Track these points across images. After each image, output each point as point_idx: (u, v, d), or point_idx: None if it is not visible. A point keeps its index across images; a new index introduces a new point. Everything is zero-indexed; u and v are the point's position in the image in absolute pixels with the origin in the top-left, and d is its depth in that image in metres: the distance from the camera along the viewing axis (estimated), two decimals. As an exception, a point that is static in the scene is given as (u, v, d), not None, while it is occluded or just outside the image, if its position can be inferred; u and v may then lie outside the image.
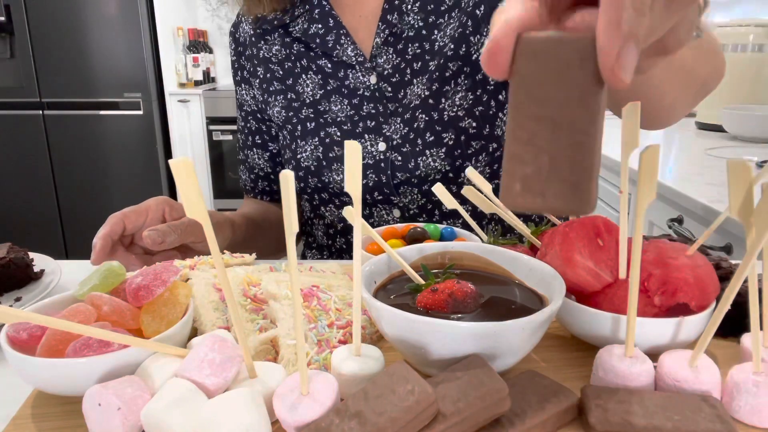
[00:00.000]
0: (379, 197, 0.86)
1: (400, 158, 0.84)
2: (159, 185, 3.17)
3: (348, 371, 0.42)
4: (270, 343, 0.49)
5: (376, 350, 0.45)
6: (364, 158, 0.85)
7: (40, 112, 3.02)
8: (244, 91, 0.98)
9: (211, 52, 3.57)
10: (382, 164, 0.85)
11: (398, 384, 0.37)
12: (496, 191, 0.83)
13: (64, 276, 0.69)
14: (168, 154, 3.18)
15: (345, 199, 0.89)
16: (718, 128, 1.86)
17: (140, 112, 3.03)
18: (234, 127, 3.10)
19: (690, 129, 1.99)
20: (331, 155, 0.87)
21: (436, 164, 0.83)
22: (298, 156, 0.90)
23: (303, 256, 1.04)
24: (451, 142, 0.82)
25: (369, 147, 0.85)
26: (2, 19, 2.84)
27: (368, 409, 0.36)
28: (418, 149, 0.83)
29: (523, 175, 0.30)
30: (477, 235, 0.65)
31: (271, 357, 0.49)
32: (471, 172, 0.61)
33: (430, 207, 0.87)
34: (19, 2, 2.84)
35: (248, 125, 0.99)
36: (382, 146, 0.85)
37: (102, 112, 3.03)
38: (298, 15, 0.88)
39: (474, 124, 0.82)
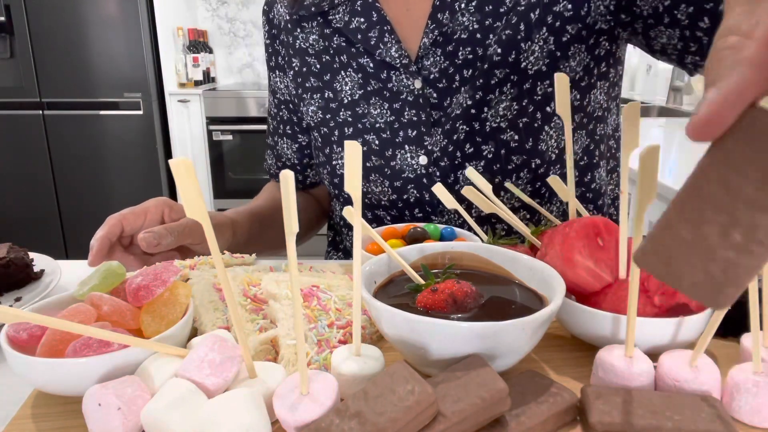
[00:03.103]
0: (420, 215, 0.82)
1: (438, 173, 0.79)
2: (159, 185, 3.16)
3: (348, 371, 0.42)
4: (270, 343, 0.49)
5: (376, 350, 0.45)
6: (404, 171, 0.80)
7: (40, 112, 3.02)
8: (278, 78, 0.92)
9: (211, 52, 3.57)
10: (424, 179, 0.79)
11: (398, 384, 0.37)
12: (497, 191, 0.82)
13: (64, 276, 0.69)
14: (168, 154, 3.18)
15: (379, 213, 0.85)
16: (718, 128, 1.86)
17: (140, 112, 3.03)
18: (234, 127, 3.10)
19: (690, 129, 1.99)
20: (368, 164, 0.82)
21: (467, 181, 0.75)
22: (334, 162, 0.85)
23: (328, 255, 1.02)
24: (490, 156, 0.77)
25: (409, 159, 0.79)
26: (2, 19, 2.84)
27: (368, 409, 0.36)
28: (457, 162, 0.78)
29: (670, 249, 0.27)
30: (477, 235, 0.65)
31: (271, 357, 0.49)
32: (471, 172, 0.61)
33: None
34: (19, 2, 2.83)
35: (280, 113, 0.95)
36: (423, 160, 0.79)
37: (102, 112, 3.03)
38: (338, 3, 0.81)
39: (516, 137, 0.76)
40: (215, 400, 0.38)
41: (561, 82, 0.51)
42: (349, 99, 0.82)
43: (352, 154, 0.41)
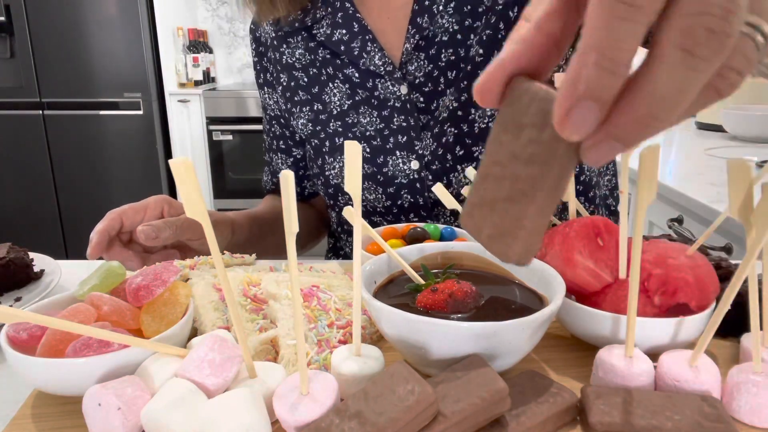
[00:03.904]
0: (415, 219, 0.83)
1: (431, 177, 0.79)
2: (159, 185, 3.16)
3: (348, 371, 0.42)
4: (270, 343, 0.49)
5: (376, 350, 0.45)
6: (396, 177, 0.81)
7: (40, 112, 3.02)
8: (267, 95, 0.94)
9: (211, 52, 3.57)
10: (417, 184, 0.80)
11: (398, 384, 0.37)
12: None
13: (64, 276, 0.69)
14: (168, 154, 3.18)
15: (376, 219, 0.86)
16: (718, 128, 1.86)
17: (140, 112, 3.03)
18: (234, 127, 3.10)
19: (690, 129, 2.00)
20: (361, 173, 0.83)
21: (467, 181, 0.78)
22: (327, 173, 0.86)
23: (327, 259, 1.02)
24: (481, 156, 0.77)
25: (401, 165, 0.80)
26: (2, 19, 2.84)
27: (368, 409, 0.36)
28: (448, 165, 0.78)
29: (473, 205, 0.30)
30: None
31: (271, 357, 0.49)
32: (471, 172, 0.61)
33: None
34: (19, 2, 2.83)
35: (272, 129, 0.96)
36: (415, 165, 0.79)
37: (102, 112, 3.03)
38: (320, 17, 0.82)
39: None
40: (215, 400, 0.38)
41: (560, 80, 0.51)
42: (338, 110, 0.82)
43: (352, 154, 0.41)
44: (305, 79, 0.85)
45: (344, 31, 0.80)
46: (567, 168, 0.27)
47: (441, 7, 0.75)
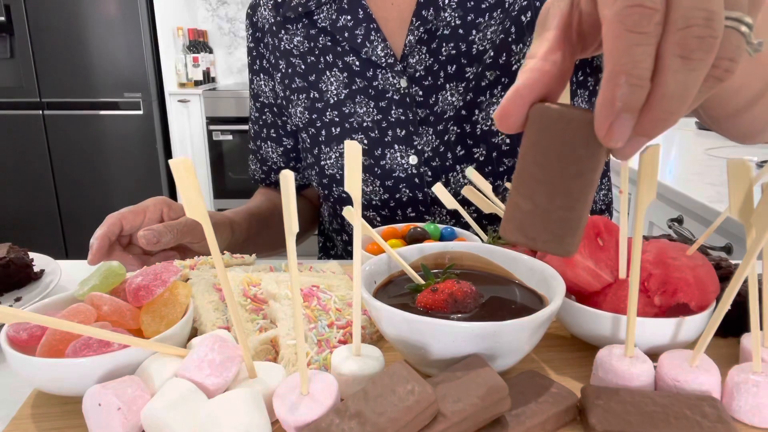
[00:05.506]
0: (413, 214, 0.83)
1: (430, 173, 0.80)
2: (159, 185, 3.17)
3: (348, 371, 0.42)
4: (270, 343, 0.49)
5: (376, 350, 0.45)
6: (395, 171, 0.81)
7: (40, 112, 3.02)
8: (262, 82, 0.92)
9: (211, 52, 3.57)
10: (416, 179, 0.80)
11: (398, 384, 0.37)
12: (495, 191, 0.82)
13: (64, 276, 0.69)
14: (168, 154, 3.18)
15: (369, 214, 0.85)
16: (718, 128, 1.86)
17: (140, 112, 3.03)
18: (234, 127, 3.10)
19: (690, 129, 2.00)
20: (361, 173, 0.82)
21: (465, 181, 0.78)
22: (322, 163, 0.85)
23: (319, 259, 1.03)
24: (482, 158, 0.77)
25: (399, 159, 0.80)
26: (2, 19, 2.84)
27: (368, 409, 0.36)
28: (448, 164, 0.79)
29: (521, 221, 0.34)
30: (477, 235, 0.65)
31: (271, 357, 0.49)
32: (471, 172, 0.61)
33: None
34: (19, 2, 2.83)
35: (263, 117, 0.94)
36: (413, 159, 0.79)
37: (102, 112, 3.03)
38: (324, 2, 0.81)
39: (507, 141, 0.77)
40: (215, 400, 0.38)
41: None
42: (335, 99, 0.82)
43: (352, 154, 0.41)
44: (302, 66, 0.84)
45: (349, 17, 0.79)
46: (602, 167, 0.32)
47: (446, 1, 0.75)
